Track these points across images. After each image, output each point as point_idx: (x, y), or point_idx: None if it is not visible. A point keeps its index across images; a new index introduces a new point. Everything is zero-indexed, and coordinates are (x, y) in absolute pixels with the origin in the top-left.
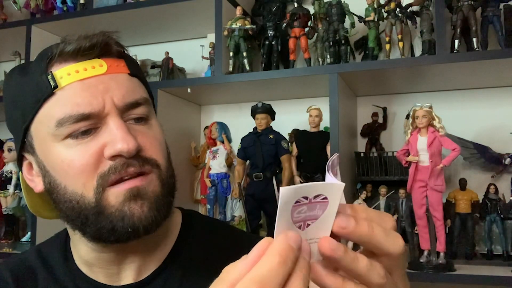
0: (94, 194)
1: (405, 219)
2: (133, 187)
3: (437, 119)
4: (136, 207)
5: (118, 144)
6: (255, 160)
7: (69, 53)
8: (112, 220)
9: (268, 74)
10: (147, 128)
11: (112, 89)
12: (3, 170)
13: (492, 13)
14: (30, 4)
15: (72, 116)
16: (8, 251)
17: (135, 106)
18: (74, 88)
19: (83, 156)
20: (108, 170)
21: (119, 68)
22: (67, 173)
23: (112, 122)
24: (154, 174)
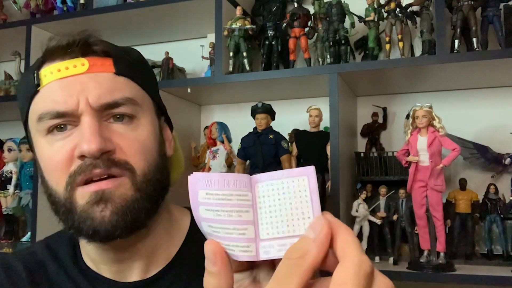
0: (63, 191)
1: (405, 219)
2: (98, 190)
3: (437, 119)
4: (97, 211)
5: (83, 145)
6: (255, 160)
7: (53, 52)
8: (78, 220)
9: (268, 74)
10: (130, 128)
11: (89, 89)
12: (3, 170)
13: (492, 13)
14: (30, 4)
15: (49, 112)
16: (8, 251)
17: (113, 107)
18: (53, 86)
19: (57, 154)
20: (75, 170)
21: (103, 67)
22: (46, 168)
23: (84, 121)
24: (126, 177)
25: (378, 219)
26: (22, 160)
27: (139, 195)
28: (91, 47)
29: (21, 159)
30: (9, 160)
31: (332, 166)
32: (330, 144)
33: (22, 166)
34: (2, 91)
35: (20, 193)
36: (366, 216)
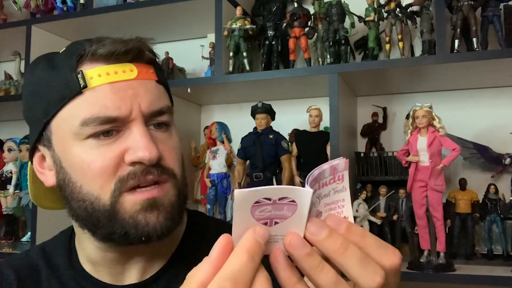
0: (110, 197)
1: (405, 219)
2: (150, 198)
3: (437, 119)
4: (152, 217)
5: (140, 152)
6: (255, 160)
7: (102, 55)
8: (125, 226)
9: (268, 74)
10: (167, 136)
11: (141, 95)
12: (3, 170)
13: (492, 13)
14: (30, 4)
15: (99, 117)
16: (8, 251)
17: (159, 114)
18: (104, 90)
19: (104, 159)
20: (127, 175)
21: (148, 75)
22: (85, 173)
23: (137, 129)
24: (170, 183)
25: (378, 219)
26: (22, 160)
27: (180, 199)
28: (141, 55)
29: (21, 159)
30: (9, 160)
31: None
32: (330, 144)
33: (22, 166)
34: (2, 91)
35: (20, 193)
36: (366, 216)
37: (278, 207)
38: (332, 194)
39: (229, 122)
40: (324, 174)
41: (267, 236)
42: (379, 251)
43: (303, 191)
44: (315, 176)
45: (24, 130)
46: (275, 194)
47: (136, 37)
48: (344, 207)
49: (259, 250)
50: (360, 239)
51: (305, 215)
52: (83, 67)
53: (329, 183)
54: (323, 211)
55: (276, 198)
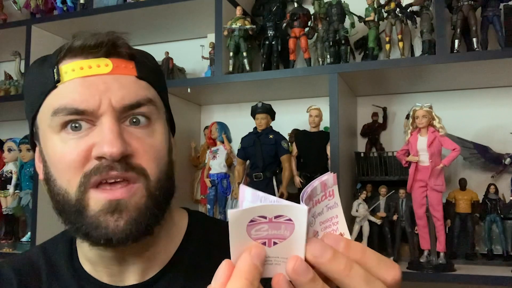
0: (76, 192)
1: (405, 219)
2: (113, 200)
3: (437, 119)
4: (111, 220)
5: (104, 146)
6: (255, 160)
7: (77, 49)
8: (87, 225)
9: (268, 74)
10: (146, 133)
11: (113, 90)
12: (3, 170)
13: (492, 13)
14: (30, 4)
15: (67, 108)
16: (8, 251)
17: (135, 107)
18: (75, 83)
19: (72, 152)
20: (91, 170)
21: (126, 70)
22: (57, 166)
23: (105, 123)
24: (140, 183)
25: (378, 219)
26: (22, 160)
27: (151, 202)
28: (116, 49)
29: (21, 159)
30: (9, 160)
31: (332, 166)
32: (330, 144)
33: (22, 166)
34: (2, 91)
35: (20, 193)
36: (366, 216)
37: (275, 225)
38: (325, 211)
39: (229, 122)
40: (316, 191)
41: (263, 255)
42: (380, 266)
43: (298, 208)
44: (309, 194)
45: (24, 130)
46: (270, 212)
47: (110, 31)
48: (338, 224)
49: (257, 274)
50: (361, 256)
51: (303, 235)
52: (62, 62)
53: (321, 200)
54: (319, 230)
55: (272, 216)
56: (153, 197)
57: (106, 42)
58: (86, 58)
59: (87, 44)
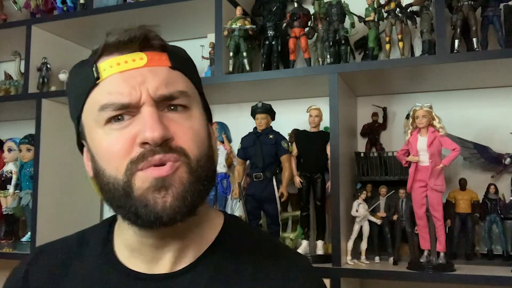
0: (123, 175)
1: (405, 219)
2: (158, 177)
3: (437, 119)
4: (159, 197)
5: (146, 132)
6: (255, 160)
7: (112, 46)
8: (137, 205)
9: (268, 74)
10: (184, 117)
11: (149, 81)
12: (3, 170)
13: (492, 13)
14: (30, 4)
15: (114, 103)
16: (8, 251)
17: (170, 99)
18: (114, 79)
19: (118, 142)
20: (137, 156)
21: (160, 62)
22: (105, 157)
23: (145, 111)
24: (181, 162)
25: (378, 219)
26: (22, 160)
27: (194, 178)
28: (149, 42)
29: (21, 159)
30: (9, 160)
31: (332, 166)
32: (330, 144)
33: (22, 166)
34: (2, 91)
35: (20, 193)
36: (366, 216)
37: None
38: None
39: (229, 122)
40: None
41: None
42: None
43: None
44: None
45: (24, 130)
46: None
47: (140, 25)
48: None
49: None
50: None
51: None
52: (100, 60)
53: None
54: None
55: None
56: (194, 174)
57: (138, 36)
58: (122, 53)
59: (121, 40)
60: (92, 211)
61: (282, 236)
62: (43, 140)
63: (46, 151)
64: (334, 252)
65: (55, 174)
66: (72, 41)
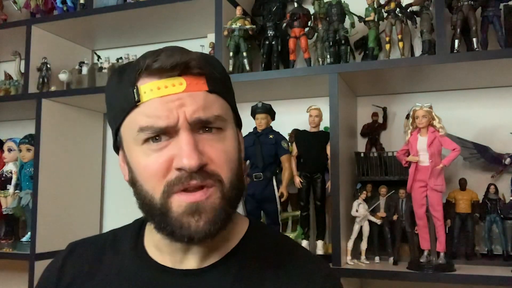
0: (160, 197)
1: (405, 219)
2: (193, 203)
3: (437, 119)
4: (193, 221)
5: (183, 159)
6: (255, 160)
7: (153, 69)
8: (172, 225)
9: (268, 74)
10: (218, 139)
11: (187, 105)
12: (3, 170)
13: (492, 13)
14: (30, 4)
15: (153, 127)
16: (8, 251)
17: (206, 123)
18: (154, 103)
19: (155, 164)
20: (174, 179)
21: (198, 86)
22: (142, 175)
23: (182, 136)
24: (215, 187)
25: (378, 219)
26: (22, 160)
27: (225, 202)
28: (189, 68)
29: (21, 159)
30: (9, 160)
31: (332, 166)
32: (330, 144)
33: (22, 166)
34: (2, 91)
35: (20, 193)
36: (366, 216)
37: None
38: None
39: None
40: None
41: None
42: None
43: None
44: None
45: (24, 130)
46: None
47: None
48: None
49: None
50: None
51: None
52: (140, 81)
53: None
54: None
55: None
56: (226, 198)
57: (180, 63)
58: (162, 77)
59: (164, 66)
60: (92, 211)
61: None
62: (43, 140)
63: (46, 151)
64: (334, 252)
65: (55, 174)
66: (72, 41)
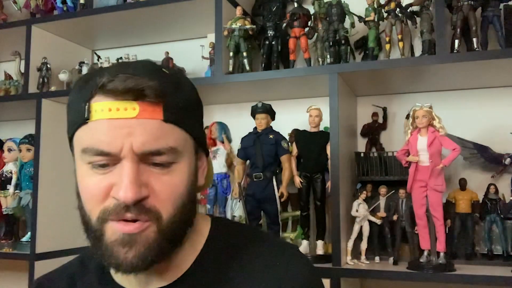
0: (96, 221)
1: (405, 219)
2: (125, 234)
3: (437, 119)
4: (122, 252)
5: (120, 192)
6: (255, 160)
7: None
8: (103, 251)
9: (268, 74)
10: (167, 172)
11: (136, 135)
12: (3, 170)
13: (492, 13)
14: (30, 4)
15: (94, 149)
16: (8, 251)
17: (156, 154)
18: (102, 124)
19: (94, 187)
20: (111, 208)
21: (152, 114)
22: (82, 193)
23: (125, 167)
24: (152, 222)
25: (378, 219)
26: (22, 160)
27: (162, 238)
28: (144, 93)
29: (21, 159)
30: (9, 160)
31: (332, 166)
32: (330, 144)
33: (22, 166)
34: (2, 91)
35: (20, 193)
36: (366, 216)
37: None
38: None
39: (229, 122)
40: None
41: None
42: None
43: None
44: None
45: (24, 130)
46: None
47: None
48: None
49: None
50: None
51: None
52: (95, 97)
53: None
54: None
55: None
56: (164, 235)
57: (134, 88)
58: (115, 99)
59: (116, 89)
60: None
61: (282, 236)
62: (43, 140)
63: (46, 151)
64: (334, 252)
65: (55, 174)
66: (72, 41)
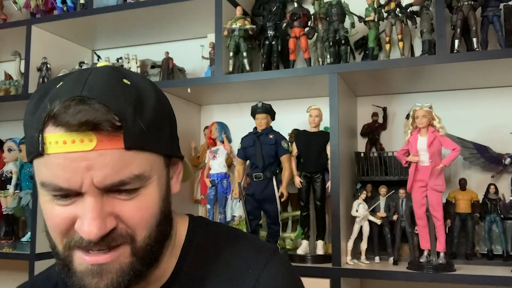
0: (62, 250)
1: (405, 219)
2: (95, 265)
3: (437, 119)
4: (93, 282)
5: (84, 228)
6: (255, 160)
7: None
8: (73, 279)
9: (268, 74)
10: (134, 197)
11: (95, 168)
12: (3, 170)
13: (492, 13)
14: (30, 4)
15: (52, 184)
16: (8, 251)
17: (119, 185)
18: (58, 158)
19: (57, 218)
20: (75, 239)
21: (112, 144)
22: (47, 222)
23: (87, 201)
24: (126, 245)
25: (378, 219)
26: (22, 160)
27: (137, 262)
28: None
29: (21, 159)
30: (9, 160)
31: (332, 166)
32: (330, 144)
33: (22, 166)
34: (2, 91)
35: (20, 193)
36: (366, 216)
37: None
38: None
39: (229, 122)
40: None
41: None
42: None
43: None
44: None
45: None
46: None
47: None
48: None
49: None
50: None
51: None
52: (48, 127)
53: None
54: None
55: None
56: (139, 257)
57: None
58: (70, 130)
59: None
60: None
61: (282, 236)
62: None
63: None
64: (334, 252)
65: None
66: (72, 41)
